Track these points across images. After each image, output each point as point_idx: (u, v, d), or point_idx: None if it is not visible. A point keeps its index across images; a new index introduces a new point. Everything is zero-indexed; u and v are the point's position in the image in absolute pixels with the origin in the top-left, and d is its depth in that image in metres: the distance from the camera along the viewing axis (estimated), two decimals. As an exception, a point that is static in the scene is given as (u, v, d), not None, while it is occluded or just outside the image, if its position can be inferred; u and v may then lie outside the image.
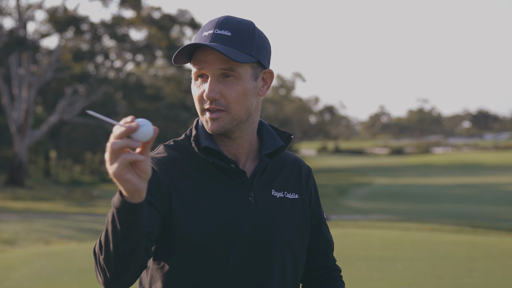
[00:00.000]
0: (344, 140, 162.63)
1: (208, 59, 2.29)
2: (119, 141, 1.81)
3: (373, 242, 15.15)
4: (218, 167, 2.37)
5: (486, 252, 13.52)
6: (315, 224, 2.61)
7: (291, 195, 2.49)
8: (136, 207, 1.92)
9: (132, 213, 1.93)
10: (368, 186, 52.75)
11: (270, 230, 2.39)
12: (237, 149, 2.41)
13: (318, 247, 2.62)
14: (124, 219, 1.94)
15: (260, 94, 2.41)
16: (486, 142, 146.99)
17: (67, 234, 19.58)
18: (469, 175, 64.44)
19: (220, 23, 2.32)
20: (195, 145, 2.38)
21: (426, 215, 28.94)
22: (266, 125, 2.53)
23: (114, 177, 1.84)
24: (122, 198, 1.92)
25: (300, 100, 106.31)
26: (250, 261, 2.34)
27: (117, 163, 1.82)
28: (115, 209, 1.95)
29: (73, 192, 42.48)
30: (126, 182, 1.85)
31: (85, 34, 45.90)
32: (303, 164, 2.63)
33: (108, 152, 1.82)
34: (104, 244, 2.03)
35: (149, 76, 68.72)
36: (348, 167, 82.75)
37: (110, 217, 1.98)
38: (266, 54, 2.40)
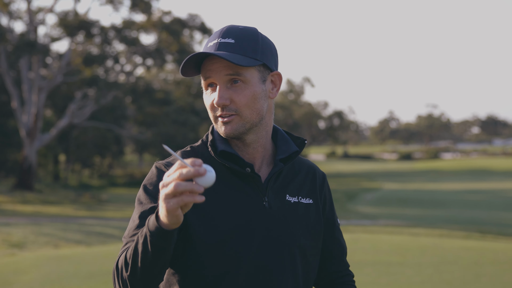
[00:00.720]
0: (353, 145, 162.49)
1: (214, 67, 2.35)
2: (185, 184, 1.88)
3: (381, 247, 15.15)
4: (234, 171, 2.41)
5: (495, 258, 13.51)
6: (329, 229, 2.65)
7: (306, 200, 2.53)
8: (170, 234, 2.03)
9: (166, 239, 2.04)
10: (377, 191, 52.67)
11: (283, 234, 2.42)
12: (252, 153, 2.45)
13: (332, 252, 2.67)
14: (157, 243, 2.05)
15: (270, 97, 2.45)
16: (495, 147, 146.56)
17: (75, 238, 19.62)
18: (478, 181, 64.28)
19: (223, 33, 2.38)
20: (212, 149, 2.42)
21: (434, 221, 28.89)
22: (281, 130, 2.58)
23: (167, 211, 1.94)
24: (158, 224, 2.02)
25: (309, 105, 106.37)
26: (263, 265, 2.37)
27: (175, 202, 1.91)
28: (149, 233, 2.04)
29: (82, 196, 42.55)
30: (174, 217, 1.96)
31: (96, 38, 45.99)
32: (317, 170, 2.67)
33: (171, 190, 1.90)
34: (131, 262, 2.12)
35: (159, 80, 68.86)
36: (357, 172, 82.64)
37: (141, 238, 2.08)
38: (272, 57, 2.44)
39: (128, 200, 42.83)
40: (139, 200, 2.41)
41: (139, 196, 2.42)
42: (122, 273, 2.16)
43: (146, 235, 2.05)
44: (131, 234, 2.29)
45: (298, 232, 2.46)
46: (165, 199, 1.92)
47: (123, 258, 2.16)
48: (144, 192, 2.40)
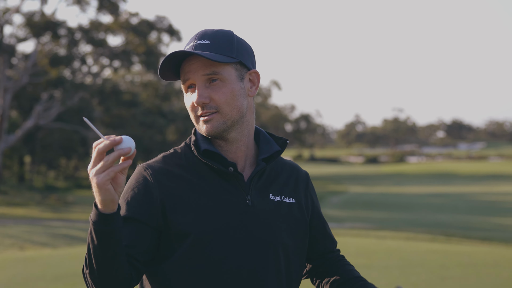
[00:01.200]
0: (319, 148, 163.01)
1: (192, 68, 2.40)
2: (112, 154, 2.03)
3: (348, 250, 15.21)
4: (217, 170, 2.44)
5: (460, 261, 13.64)
6: (320, 226, 2.74)
7: (288, 199, 2.57)
8: (110, 217, 2.10)
9: (107, 224, 2.11)
10: (343, 195, 52.86)
11: (266, 232, 2.45)
12: (235, 152, 2.49)
13: (325, 246, 2.78)
14: (100, 229, 2.12)
15: (249, 95, 2.49)
16: (460, 151, 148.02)
17: (41, 240, 19.49)
18: (443, 185, 64.79)
19: (199, 35, 2.43)
20: (195, 148, 2.46)
21: (400, 224, 29.07)
22: (263, 131, 2.62)
23: (97, 186, 2.03)
24: (97, 210, 2.10)
25: (276, 108, 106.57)
26: (246, 263, 2.40)
27: (105, 174, 2.03)
28: (92, 222, 2.13)
29: (48, 197, 42.20)
30: (106, 191, 2.05)
31: (62, 39, 45.70)
32: (300, 170, 2.72)
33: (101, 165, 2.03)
34: (87, 259, 2.21)
35: (126, 82, 68.53)
36: (323, 175, 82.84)
37: (88, 233, 2.17)
38: (248, 56, 2.49)
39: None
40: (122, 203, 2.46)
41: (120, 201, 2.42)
42: (86, 275, 2.25)
43: (90, 228, 2.14)
44: None
45: (281, 231, 2.49)
46: (95, 175, 2.03)
47: (84, 260, 2.25)
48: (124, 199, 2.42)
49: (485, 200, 45.76)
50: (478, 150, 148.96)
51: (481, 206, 41.42)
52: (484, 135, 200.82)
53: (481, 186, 61.12)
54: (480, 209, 38.99)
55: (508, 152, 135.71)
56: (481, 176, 76.33)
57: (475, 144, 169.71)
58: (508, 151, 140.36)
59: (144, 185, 2.41)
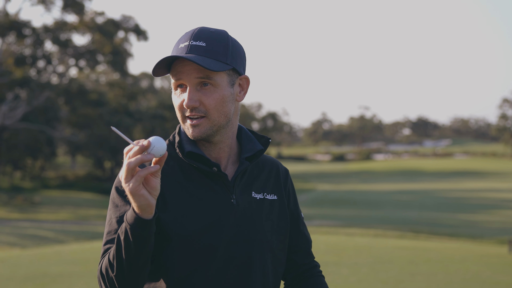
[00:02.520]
0: (286, 147, 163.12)
1: (185, 70, 2.38)
2: (134, 159, 2.00)
3: (317, 248, 15.29)
4: (201, 171, 2.46)
5: (428, 257, 13.77)
6: (294, 223, 2.70)
7: (270, 196, 2.59)
8: (148, 222, 2.10)
9: (145, 229, 2.11)
10: (311, 192, 53.02)
11: (251, 230, 2.47)
12: (218, 153, 2.50)
13: (299, 245, 2.72)
14: (137, 234, 2.11)
15: (237, 100, 2.50)
16: (426, 149, 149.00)
17: (9, 240, 19.34)
18: (409, 182, 65.26)
19: (195, 35, 2.41)
20: (179, 150, 2.47)
21: (368, 221, 29.24)
22: (245, 129, 2.63)
23: (130, 193, 2.03)
24: (136, 214, 2.09)
25: (243, 107, 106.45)
26: (233, 261, 2.42)
27: (134, 180, 2.01)
28: (129, 225, 2.11)
29: (14, 198, 41.83)
30: (141, 197, 2.04)
31: (27, 39, 45.33)
32: (280, 166, 2.73)
33: (125, 171, 2.01)
34: (116, 261, 2.18)
35: (91, 81, 68.11)
36: (291, 173, 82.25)
37: (122, 235, 2.14)
38: (241, 61, 2.49)
39: (61, 202, 42.28)
40: (114, 203, 2.42)
41: (113, 198, 2.43)
42: (107, 275, 2.21)
43: (126, 229, 2.11)
44: (109, 238, 2.34)
45: (266, 228, 2.51)
46: (125, 183, 2.02)
47: (107, 261, 2.21)
48: (117, 194, 2.41)
49: (452, 197, 46.17)
50: (444, 147, 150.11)
51: (447, 202, 41.81)
52: (449, 132, 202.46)
53: (447, 183, 61.66)
54: (447, 206, 39.37)
55: (473, 149, 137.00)
56: (447, 173, 76.97)
57: (440, 141, 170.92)
58: (473, 148, 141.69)
59: None
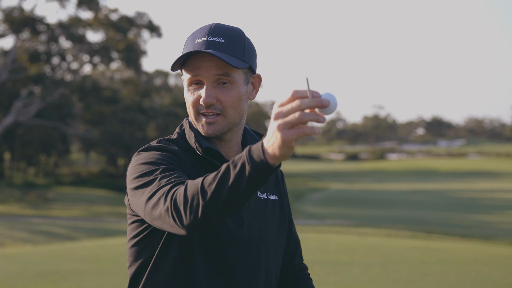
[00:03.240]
0: (300, 145, 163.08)
1: (204, 66, 2.34)
2: (310, 114, 1.80)
3: (329, 247, 15.26)
4: (216, 167, 2.41)
5: (440, 257, 13.71)
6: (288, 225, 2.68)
7: (272, 196, 2.57)
8: (274, 170, 1.90)
9: (267, 176, 1.90)
10: (324, 191, 52.99)
11: (259, 230, 2.45)
12: (227, 151, 2.48)
13: (289, 246, 2.70)
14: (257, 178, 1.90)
15: (250, 98, 2.47)
16: (440, 149, 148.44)
17: (22, 236, 19.40)
18: (423, 181, 65.09)
19: (212, 30, 2.37)
20: (198, 145, 2.42)
21: (381, 221, 29.18)
22: (248, 129, 2.60)
23: (282, 142, 1.82)
24: (266, 160, 1.87)
25: (257, 105, 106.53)
26: (241, 261, 2.40)
27: (295, 132, 1.81)
28: (251, 164, 1.89)
29: (28, 194, 41.99)
30: (289, 149, 1.83)
31: (42, 35, 45.47)
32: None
33: (293, 119, 1.80)
34: (214, 190, 1.95)
35: (105, 78, 68.26)
36: (304, 172, 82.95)
37: (235, 169, 1.92)
38: (255, 60, 2.47)
39: (74, 199, 42.40)
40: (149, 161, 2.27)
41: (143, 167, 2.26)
42: (200, 197, 1.97)
43: (245, 165, 1.90)
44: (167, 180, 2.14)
45: (269, 229, 2.50)
46: (283, 129, 1.80)
47: (197, 187, 1.98)
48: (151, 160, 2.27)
49: (465, 197, 46.02)
50: (458, 147, 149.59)
51: (460, 203, 41.67)
52: (464, 132, 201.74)
53: (461, 183, 61.46)
54: (459, 206, 39.24)
55: (487, 149, 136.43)
56: (460, 173, 76.73)
57: (454, 141, 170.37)
58: (487, 148, 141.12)
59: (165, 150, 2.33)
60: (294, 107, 1.80)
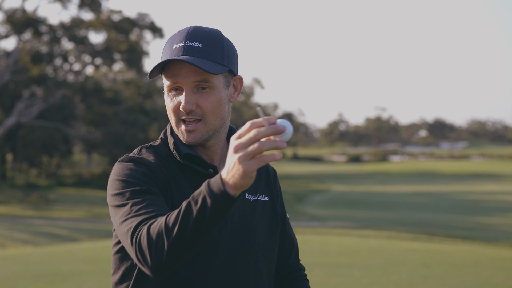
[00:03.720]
0: (302, 147, 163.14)
1: (182, 72, 2.31)
2: (269, 143, 1.82)
3: (330, 249, 15.24)
4: (198, 172, 2.40)
5: (441, 260, 13.68)
6: (281, 225, 2.65)
7: (263, 197, 2.55)
8: (235, 200, 1.92)
9: (229, 207, 1.92)
10: (326, 193, 52.97)
11: (246, 232, 2.43)
12: (211, 155, 2.45)
13: (284, 246, 2.67)
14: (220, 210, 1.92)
15: (231, 101, 2.44)
16: (442, 151, 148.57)
17: (22, 237, 19.39)
18: (425, 184, 65.06)
19: (189, 35, 2.34)
20: (176, 152, 2.40)
21: (382, 223, 29.15)
22: (235, 130, 2.56)
23: (244, 172, 1.84)
24: (226, 191, 1.89)
25: (258, 106, 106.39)
26: (229, 263, 2.38)
27: (256, 162, 1.83)
28: (213, 198, 1.91)
29: (30, 195, 42.00)
30: (251, 179, 1.86)
31: (44, 36, 45.50)
32: (269, 166, 2.69)
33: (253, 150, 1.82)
34: (177, 229, 1.95)
35: (108, 79, 68.30)
36: (306, 174, 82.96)
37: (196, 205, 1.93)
38: (235, 61, 2.43)
39: (76, 200, 42.42)
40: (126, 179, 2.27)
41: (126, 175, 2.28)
42: (158, 243, 1.98)
43: (206, 199, 1.91)
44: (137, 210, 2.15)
45: (259, 230, 2.48)
46: (244, 161, 1.82)
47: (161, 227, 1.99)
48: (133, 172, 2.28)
49: (467, 199, 45.99)
50: (460, 149, 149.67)
51: (463, 205, 41.63)
52: (466, 134, 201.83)
53: (463, 185, 61.43)
54: (462, 208, 39.20)
55: (490, 151, 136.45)
56: (463, 176, 76.71)
57: (457, 143, 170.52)
58: (490, 150, 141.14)
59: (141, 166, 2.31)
60: (252, 137, 1.83)
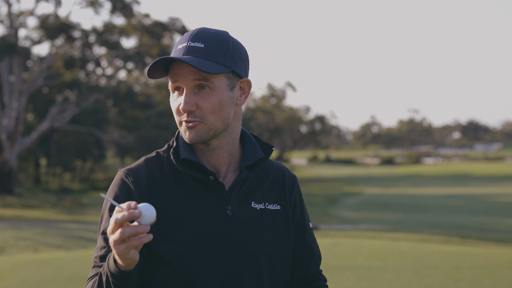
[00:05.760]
0: (334, 150, 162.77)
1: (182, 72, 2.31)
2: (129, 229, 1.95)
3: (361, 252, 15.16)
4: (197, 179, 2.38)
5: (474, 263, 13.55)
6: (299, 234, 2.58)
7: (273, 206, 2.49)
8: (129, 274, 2.08)
9: (126, 280, 2.09)
10: (358, 196, 52.75)
11: (248, 243, 2.39)
12: (217, 159, 2.42)
13: (302, 257, 2.60)
14: (118, 284, 2.11)
15: (238, 104, 2.41)
16: (476, 152, 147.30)
17: (55, 242, 19.52)
18: (459, 186, 64.56)
19: (193, 36, 2.34)
20: (173, 157, 2.39)
21: (415, 225, 28.96)
22: (249, 135, 2.53)
23: (118, 255, 2.01)
24: (116, 266, 2.07)
25: (291, 109, 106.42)
26: (227, 274, 2.35)
27: (124, 247, 1.98)
28: (110, 273, 2.11)
29: (63, 200, 42.31)
30: (128, 259, 2.01)
31: (76, 41, 45.85)
32: (287, 173, 2.62)
33: (117, 237, 1.96)
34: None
35: (140, 84, 68.70)
36: (338, 176, 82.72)
37: (103, 276, 2.13)
38: (242, 63, 2.40)
39: (109, 204, 42.60)
40: (102, 214, 2.40)
41: (103, 209, 2.40)
42: None
43: (107, 275, 2.11)
44: (97, 255, 2.32)
45: (264, 240, 2.43)
46: (115, 245, 1.98)
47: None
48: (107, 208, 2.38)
49: (502, 202, 45.57)
50: (495, 151, 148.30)
51: (497, 207, 41.26)
52: (501, 136, 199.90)
53: (498, 187, 60.87)
54: (496, 211, 38.85)
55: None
56: (497, 177, 76.03)
57: (491, 145, 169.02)
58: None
59: (125, 193, 2.35)
60: (113, 225, 1.97)
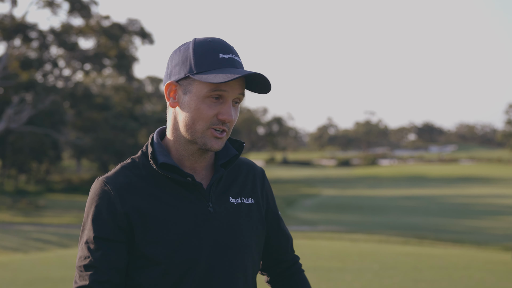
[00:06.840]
0: (292, 151, 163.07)
1: (232, 83, 2.36)
2: None
3: (321, 253, 15.25)
4: (176, 181, 2.43)
5: (432, 263, 13.71)
6: (275, 222, 2.71)
7: (248, 200, 2.57)
8: None
9: None
10: (316, 197, 52.94)
11: (230, 237, 2.46)
12: (200, 162, 2.49)
13: (280, 243, 2.74)
14: None
15: None
16: (431, 154, 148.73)
17: (12, 244, 19.32)
18: (415, 187, 65.13)
19: (232, 49, 2.42)
20: (153, 162, 2.43)
21: (373, 227, 29.17)
22: None
23: None
24: None
25: (249, 111, 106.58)
26: (214, 270, 2.41)
27: None
28: None
29: (19, 201, 41.86)
30: None
31: (33, 42, 45.41)
32: (256, 168, 2.71)
33: None
34: None
35: (97, 85, 68.22)
36: (296, 178, 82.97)
37: None
38: None
39: (66, 206, 42.30)
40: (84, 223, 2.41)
41: (85, 218, 2.41)
42: None
43: None
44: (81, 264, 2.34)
45: (244, 233, 2.51)
46: None
47: None
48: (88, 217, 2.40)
49: (457, 203, 46.06)
50: (449, 153, 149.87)
51: (452, 208, 41.69)
52: (455, 138, 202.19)
53: (453, 189, 61.53)
54: (451, 212, 39.26)
55: (478, 154, 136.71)
56: (452, 179, 76.87)
57: (446, 147, 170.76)
58: (478, 153, 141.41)
59: (106, 201, 2.37)
60: None
